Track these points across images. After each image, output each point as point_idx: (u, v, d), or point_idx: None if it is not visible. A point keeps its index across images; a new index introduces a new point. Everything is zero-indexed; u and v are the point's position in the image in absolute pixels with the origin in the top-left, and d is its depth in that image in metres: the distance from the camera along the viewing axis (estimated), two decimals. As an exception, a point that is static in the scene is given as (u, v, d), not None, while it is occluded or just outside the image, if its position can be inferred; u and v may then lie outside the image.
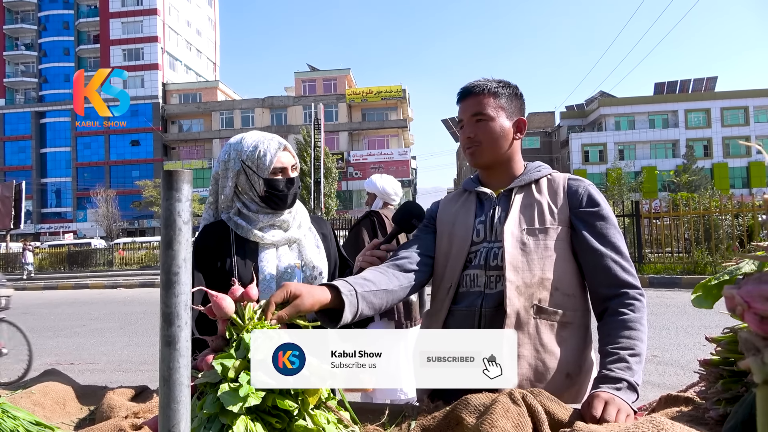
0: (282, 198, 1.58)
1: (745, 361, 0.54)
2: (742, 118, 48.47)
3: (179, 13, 56.82)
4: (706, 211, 11.65)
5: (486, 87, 1.47)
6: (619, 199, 22.27)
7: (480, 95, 1.47)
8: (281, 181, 1.57)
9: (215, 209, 1.66)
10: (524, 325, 1.33)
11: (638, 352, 1.25)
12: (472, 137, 1.47)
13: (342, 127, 48.46)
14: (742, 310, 0.57)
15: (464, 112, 1.49)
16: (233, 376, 0.96)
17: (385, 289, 1.31)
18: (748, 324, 0.57)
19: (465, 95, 1.50)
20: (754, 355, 0.54)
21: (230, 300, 1.09)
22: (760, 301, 0.56)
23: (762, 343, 0.56)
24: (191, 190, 0.72)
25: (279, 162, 1.58)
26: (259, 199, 1.58)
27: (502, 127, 1.47)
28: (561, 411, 1.07)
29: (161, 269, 0.71)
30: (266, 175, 1.56)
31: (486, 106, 1.46)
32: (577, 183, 1.46)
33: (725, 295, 0.61)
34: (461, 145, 1.53)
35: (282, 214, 1.61)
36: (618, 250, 1.36)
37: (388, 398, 3.03)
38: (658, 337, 6.13)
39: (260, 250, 1.56)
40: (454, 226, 1.51)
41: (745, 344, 0.56)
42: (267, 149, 1.57)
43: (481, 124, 1.46)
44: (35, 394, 1.41)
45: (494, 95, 1.46)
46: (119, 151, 52.39)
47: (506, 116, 1.48)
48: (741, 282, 0.59)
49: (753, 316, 0.56)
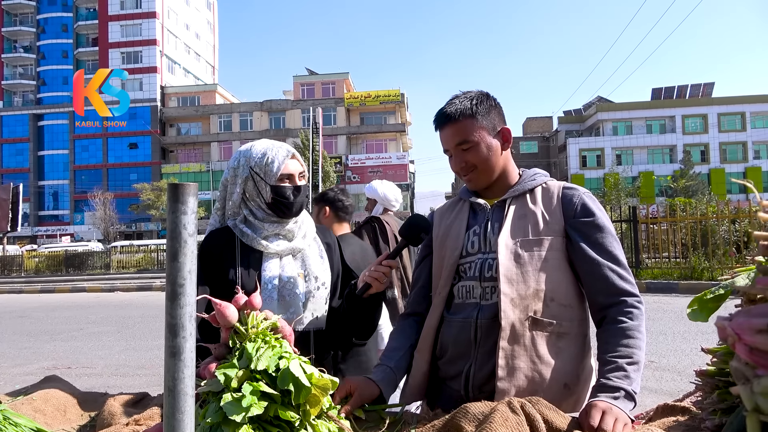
0: (288, 206, 1.58)
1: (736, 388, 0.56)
2: (739, 123, 48.71)
3: (178, 17, 56.90)
4: (703, 217, 11.68)
5: (461, 110, 1.45)
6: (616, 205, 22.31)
7: (458, 122, 1.45)
8: (288, 188, 1.58)
9: (222, 215, 1.67)
10: (520, 337, 1.33)
11: (636, 360, 1.25)
12: (465, 165, 1.47)
13: (340, 130, 48.51)
14: (733, 341, 0.59)
15: (448, 142, 1.49)
16: (236, 386, 0.96)
17: (411, 345, 1.51)
18: (740, 354, 0.59)
19: (442, 123, 1.49)
20: (744, 384, 0.56)
21: (234, 308, 1.10)
22: (750, 333, 0.58)
23: (751, 373, 0.58)
24: (197, 203, 0.73)
25: (286, 169, 1.59)
26: (266, 206, 1.59)
27: (489, 146, 1.46)
28: (559, 420, 1.08)
29: (167, 280, 0.72)
30: (273, 182, 1.57)
31: (468, 132, 1.45)
32: (571, 192, 1.45)
33: (717, 326, 0.63)
34: (455, 172, 1.53)
35: (288, 223, 1.61)
36: (615, 258, 1.36)
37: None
38: (655, 343, 6.14)
39: (264, 260, 1.57)
40: (447, 238, 1.53)
41: (735, 373, 0.58)
42: (275, 156, 1.58)
43: (468, 151, 1.46)
44: (36, 400, 1.42)
45: (471, 117, 1.45)
46: (117, 153, 52.36)
47: (488, 134, 1.47)
48: (732, 314, 0.61)
49: (744, 347, 0.58)
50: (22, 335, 8.63)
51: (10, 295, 17.28)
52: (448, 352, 1.44)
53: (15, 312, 11.99)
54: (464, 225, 1.51)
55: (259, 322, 1.09)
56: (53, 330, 9.06)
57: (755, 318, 0.59)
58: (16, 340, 8.24)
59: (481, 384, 1.36)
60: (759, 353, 0.60)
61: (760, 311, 0.62)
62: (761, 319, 0.59)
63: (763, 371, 0.60)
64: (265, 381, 0.99)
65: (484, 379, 1.36)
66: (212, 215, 1.71)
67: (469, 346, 1.39)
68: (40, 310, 12.07)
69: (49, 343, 7.87)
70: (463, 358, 1.40)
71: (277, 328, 1.13)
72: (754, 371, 0.57)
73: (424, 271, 1.59)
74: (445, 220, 1.58)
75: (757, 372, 0.61)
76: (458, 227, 1.52)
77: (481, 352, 1.37)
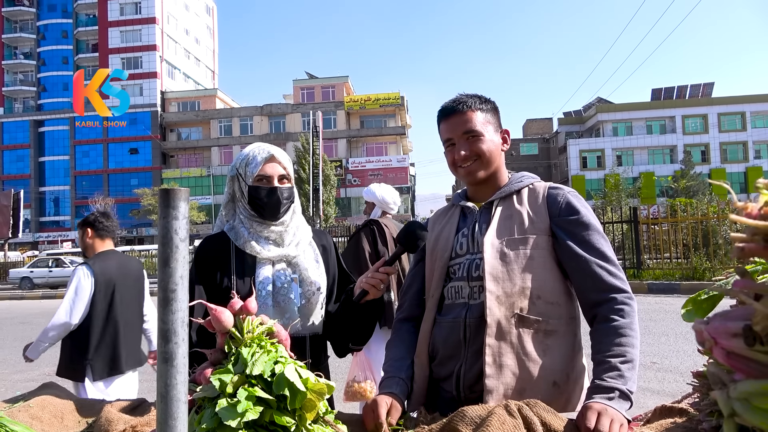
0: (262, 206, 1.59)
1: (714, 393, 0.56)
2: (739, 123, 48.69)
3: (178, 22, 57.05)
4: (705, 217, 11.68)
5: (470, 104, 1.48)
6: (617, 205, 22.30)
7: (466, 113, 1.47)
8: (263, 189, 1.59)
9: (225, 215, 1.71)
10: (506, 335, 1.34)
11: (630, 358, 1.25)
12: (468, 154, 1.48)
13: (340, 134, 48.57)
14: (710, 345, 0.58)
15: (452, 131, 1.50)
16: (231, 391, 0.96)
17: (414, 353, 1.51)
18: (716, 358, 0.58)
19: (449, 113, 1.50)
20: (720, 389, 0.56)
21: (229, 313, 1.09)
22: (726, 337, 0.58)
23: (728, 378, 0.57)
24: (188, 207, 0.73)
25: (263, 171, 1.60)
26: (249, 206, 1.62)
27: (493, 141, 1.49)
28: (557, 422, 1.08)
29: (158, 286, 0.71)
30: (250, 182, 1.60)
31: (475, 123, 1.47)
32: (556, 191, 1.46)
33: (694, 330, 0.62)
34: (453, 163, 1.52)
35: (273, 225, 1.62)
36: (603, 255, 1.36)
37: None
38: (657, 344, 6.13)
39: (258, 266, 1.57)
40: (438, 242, 1.54)
41: (712, 378, 0.58)
42: (254, 158, 1.61)
43: (473, 141, 1.47)
44: (33, 407, 1.41)
45: (480, 111, 1.48)
46: (118, 159, 52.45)
47: (494, 129, 1.50)
48: (710, 318, 0.61)
49: (720, 351, 0.58)
50: (24, 341, 8.56)
51: (12, 301, 17.28)
52: (439, 353, 1.45)
53: (16, 318, 11.99)
54: (454, 228, 1.54)
55: (255, 327, 1.09)
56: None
57: (731, 321, 0.59)
58: (18, 346, 8.18)
59: (471, 384, 1.37)
60: (736, 357, 0.59)
61: (736, 315, 0.61)
62: (737, 323, 0.59)
63: (740, 376, 0.59)
64: (260, 386, 0.99)
65: (474, 379, 1.36)
66: (218, 218, 1.74)
67: (459, 347, 1.40)
68: (41, 317, 12.05)
69: (50, 349, 7.85)
70: (453, 358, 1.41)
71: (272, 332, 1.13)
72: (731, 376, 0.57)
73: (419, 276, 1.60)
74: (438, 225, 1.61)
75: (734, 377, 0.60)
76: (449, 230, 1.54)
77: (470, 352, 1.38)
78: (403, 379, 1.44)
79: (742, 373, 0.59)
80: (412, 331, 1.55)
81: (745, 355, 0.59)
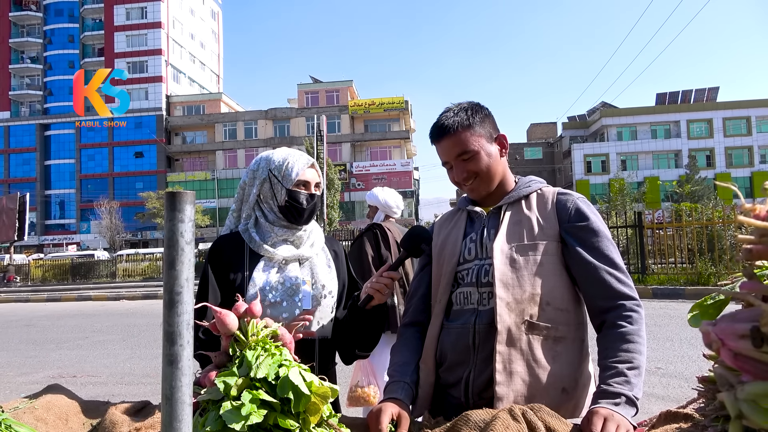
0: (300, 211, 1.61)
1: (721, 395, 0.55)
2: (744, 128, 48.53)
3: (183, 27, 57.39)
4: (710, 222, 11.62)
5: (458, 122, 1.45)
6: (621, 210, 22.23)
7: (456, 133, 1.45)
8: (303, 194, 1.61)
9: (237, 217, 1.71)
10: (516, 341, 1.33)
11: (637, 365, 1.24)
12: (467, 175, 1.47)
13: (345, 138, 48.65)
14: (717, 347, 0.58)
15: (446, 154, 1.49)
16: (235, 394, 0.96)
17: (419, 358, 1.49)
18: (724, 360, 0.58)
19: (440, 136, 1.48)
20: (727, 390, 0.56)
21: (234, 316, 1.10)
22: (733, 338, 0.58)
23: (735, 379, 0.57)
24: (194, 210, 0.74)
25: (304, 176, 1.63)
26: (278, 209, 1.62)
27: (489, 154, 1.47)
28: (561, 427, 1.07)
29: (164, 289, 0.72)
30: (290, 186, 1.61)
31: (467, 142, 1.45)
32: (565, 197, 1.46)
33: (702, 331, 0.62)
34: (456, 183, 1.52)
35: (297, 230, 1.63)
36: (612, 262, 1.36)
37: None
38: (662, 349, 6.10)
39: (270, 266, 1.58)
40: (445, 247, 1.53)
41: (719, 379, 0.57)
42: (295, 162, 1.63)
43: (469, 161, 1.46)
44: (38, 409, 1.42)
45: (469, 127, 1.45)
46: (123, 162, 52.72)
47: (487, 141, 1.47)
48: (717, 319, 0.61)
49: (728, 352, 0.58)
50: (29, 344, 8.66)
51: (17, 303, 17.35)
52: (447, 359, 1.43)
53: (21, 321, 12.03)
54: (461, 233, 1.52)
55: (259, 330, 1.09)
56: (59, 338, 9.09)
57: (739, 323, 0.59)
58: (23, 348, 8.27)
59: (480, 390, 1.36)
60: (743, 359, 0.59)
61: (743, 316, 0.61)
62: (745, 324, 0.59)
63: (748, 377, 0.59)
64: (264, 389, 0.99)
65: (483, 385, 1.35)
66: (228, 218, 1.74)
67: (467, 353, 1.39)
68: (46, 319, 12.12)
69: (55, 351, 7.89)
70: (462, 365, 1.40)
71: (277, 335, 1.13)
72: (738, 377, 0.57)
73: (424, 281, 1.59)
74: (444, 230, 1.59)
75: (742, 378, 0.60)
76: (456, 235, 1.53)
77: (479, 358, 1.37)
78: (408, 383, 1.43)
79: (750, 375, 0.59)
80: (417, 336, 1.54)
81: (753, 357, 0.59)
